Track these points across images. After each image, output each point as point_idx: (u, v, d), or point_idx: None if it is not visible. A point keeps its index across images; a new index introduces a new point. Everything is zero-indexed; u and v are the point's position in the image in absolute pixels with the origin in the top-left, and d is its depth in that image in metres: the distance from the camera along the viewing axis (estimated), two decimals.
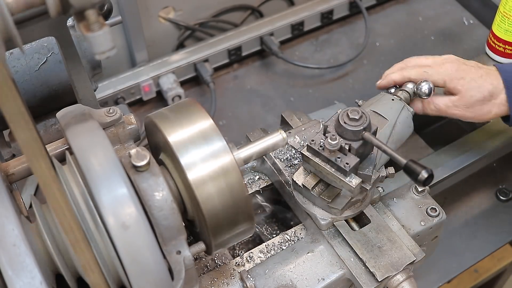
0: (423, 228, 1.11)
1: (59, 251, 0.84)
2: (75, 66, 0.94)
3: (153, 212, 0.82)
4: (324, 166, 1.02)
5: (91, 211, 0.80)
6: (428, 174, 0.89)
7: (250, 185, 1.21)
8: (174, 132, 0.86)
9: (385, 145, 0.97)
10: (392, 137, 1.12)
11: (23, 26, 0.78)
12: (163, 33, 1.82)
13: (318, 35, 1.92)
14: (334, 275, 1.05)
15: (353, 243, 1.05)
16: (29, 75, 1.05)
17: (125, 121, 0.95)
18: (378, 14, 1.99)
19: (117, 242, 0.76)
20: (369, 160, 1.05)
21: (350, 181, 1.00)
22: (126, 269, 0.76)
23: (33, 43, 1.04)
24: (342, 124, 0.99)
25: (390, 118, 1.12)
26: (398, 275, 1.02)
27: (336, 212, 1.06)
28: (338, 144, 0.99)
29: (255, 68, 1.84)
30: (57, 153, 0.93)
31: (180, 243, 0.85)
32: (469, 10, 1.95)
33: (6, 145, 1.10)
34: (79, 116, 0.86)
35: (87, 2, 0.67)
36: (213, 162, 0.85)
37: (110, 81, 1.67)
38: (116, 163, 0.78)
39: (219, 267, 1.07)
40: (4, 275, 0.75)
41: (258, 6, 1.93)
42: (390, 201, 1.15)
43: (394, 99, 1.16)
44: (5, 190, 0.79)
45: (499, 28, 1.47)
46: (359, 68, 1.82)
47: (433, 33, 1.90)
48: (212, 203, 0.85)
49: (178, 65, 1.72)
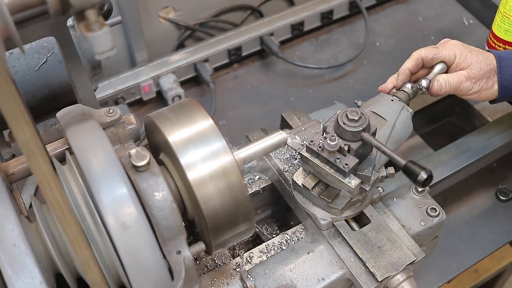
0: (423, 228, 1.11)
1: (59, 251, 0.84)
2: (75, 66, 0.94)
3: (153, 212, 0.82)
4: (323, 167, 1.01)
5: (91, 211, 0.80)
6: (427, 175, 0.89)
7: (250, 185, 1.21)
8: (174, 132, 0.86)
9: (384, 145, 0.97)
10: (392, 138, 1.12)
11: (23, 26, 0.78)
12: (163, 33, 1.82)
13: (318, 35, 1.92)
14: (334, 275, 1.05)
15: (353, 243, 1.05)
16: (29, 75, 1.05)
17: (125, 121, 0.95)
18: (378, 14, 1.99)
19: (117, 242, 0.76)
20: (368, 160, 1.05)
21: (349, 182, 1.00)
22: (126, 269, 0.76)
23: (33, 43, 1.04)
24: (341, 125, 0.99)
25: (389, 118, 1.12)
26: (398, 275, 1.02)
27: (336, 212, 1.06)
28: (337, 145, 0.99)
29: (255, 68, 1.84)
30: (57, 153, 0.93)
31: (180, 243, 0.85)
32: (469, 10, 1.95)
33: (6, 145, 1.10)
34: (79, 116, 0.86)
35: (87, 2, 0.67)
36: (213, 162, 0.85)
37: (110, 81, 1.67)
38: (116, 163, 0.78)
39: (219, 267, 1.07)
40: (4, 275, 0.75)
41: (258, 6, 1.93)
42: (390, 201, 1.15)
43: (394, 99, 1.16)
44: (5, 190, 0.79)
45: (499, 28, 1.47)
46: (359, 68, 1.82)
47: (433, 33, 1.91)
48: (212, 203, 0.85)
49: (178, 65, 1.72)
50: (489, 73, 1.18)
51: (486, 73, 1.18)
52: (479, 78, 1.18)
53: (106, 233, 0.78)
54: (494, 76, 1.19)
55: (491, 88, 1.20)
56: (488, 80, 1.19)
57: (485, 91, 1.20)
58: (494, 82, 1.19)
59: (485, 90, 1.20)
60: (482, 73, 1.18)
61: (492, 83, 1.19)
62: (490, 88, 1.20)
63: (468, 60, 1.18)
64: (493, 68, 1.19)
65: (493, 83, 1.19)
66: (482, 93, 1.20)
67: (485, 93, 1.20)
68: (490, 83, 1.19)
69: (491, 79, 1.19)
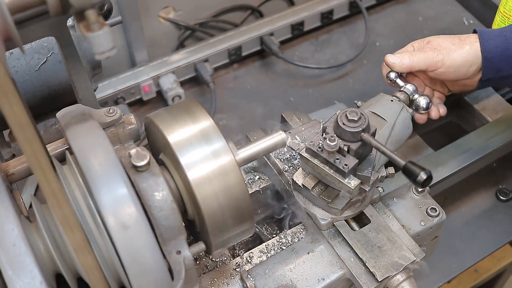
0: (423, 228, 1.11)
1: (59, 251, 0.84)
2: (75, 66, 0.94)
3: (153, 212, 0.82)
4: (323, 168, 1.01)
5: (91, 211, 0.80)
6: (426, 175, 0.89)
7: (250, 185, 1.21)
8: (174, 132, 0.86)
9: (384, 146, 0.97)
10: (391, 138, 1.12)
11: (23, 26, 0.78)
12: (163, 33, 1.82)
13: (318, 35, 1.92)
14: (334, 275, 1.05)
15: (353, 243, 1.05)
16: (29, 75, 1.05)
17: (125, 121, 0.95)
18: (378, 14, 1.99)
19: (117, 242, 0.76)
20: (368, 161, 1.05)
21: (349, 182, 1.00)
22: (126, 269, 0.76)
23: (33, 43, 1.04)
24: (341, 125, 0.99)
25: (389, 119, 1.12)
26: (398, 275, 1.02)
27: (336, 212, 1.06)
28: (336, 145, 0.99)
29: (255, 68, 1.84)
30: (57, 153, 0.93)
31: (180, 243, 0.85)
32: (469, 10, 1.95)
33: (6, 145, 1.10)
34: (79, 116, 0.86)
35: (87, 2, 0.67)
36: (213, 162, 0.85)
37: (110, 81, 1.67)
38: (116, 163, 0.78)
39: (219, 267, 1.07)
40: (4, 275, 0.75)
41: (258, 6, 1.93)
42: (390, 201, 1.15)
43: (393, 100, 1.16)
44: (5, 190, 0.79)
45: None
46: (359, 68, 1.82)
47: (433, 33, 1.88)
48: (212, 203, 0.85)
49: (178, 65, 1.72)
50: (450, 40, 1.18)
51: (446, 41, 1.18)
52: (437, 47, 1.17)
53: (106, 233, 0.78)
54: (460, 40, 1.18)
55: (460, 48, 1.17)
56: (453, 40, 1.18)
57: (455, 53, 1.17)
58: (464, 43, 1.17)
59: (454, 52, 1.17)
60: (440, 42, 1.18)
61: (461, 43, 1.17)
62: (458, 48, 1.17)
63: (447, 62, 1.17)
64: (457, 38, 1.18)
65: (463, 44, 1.17)
66: (451, 55, 1.17)
67: (455, 55, 1.17)
68: (456, 42, 1.17)
69: (456, 41, 1.18)
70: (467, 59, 1.17)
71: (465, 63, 1.17)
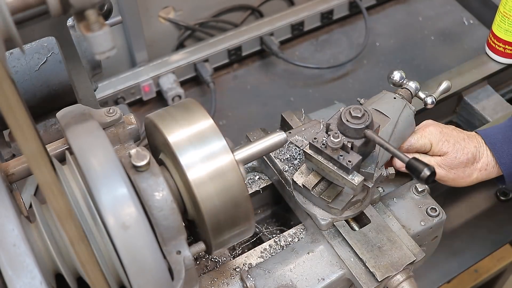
0: (423, 228, 1.11)
1: (59, 251, 0.84)
2: (75, 66, 0.94)
3: (153, 212, 0.82)
4: (327, 164, 1.02)
5: (91, 211, 0.80)
6: (430, 171, 0.89)
7: (250, 185, 1.21)
8: (174, 132, 0.86)
9: (388, 143, 0.97)
10: (394, 135, 1.12)
11: (23, 26, 0.78)
12: (163, 33, 1.82)
13: (318, 35, 1.92)
14: (334, 275, 1.05)
15: (353, 243, 1.05)
16: (29, 75, 1.05)
17: (125, 121, 0.95)
18: (378, 14, 1.99)
19: (117, 242, 0.76)
20: (371, 158, 1.05)
21: (353, 179, 1.00)
22: (126, 269, 0.76)
23: (33, 43, 1.04)
24: (345, 122, 1.00)
25: (392, 116, 1.12)
26: (398, 275, 1.02)
27: (336, 212, 1.07)
28: (340, 142, 0.99)
29: (255, 68, 1.84)
30: (57, 153, 0.93)
31: (180, 243, 0.85)
32: (469, 10, 1.95)
33: (6, 145, 1.10)
34: (79, 116, 0.86)
35: (87, 2, 0.67)
36: (213, 162, 0.85)
37: (110, 81, 1.67)
38: (116, 163, 0.78)
39: (219, 267, 1.07)
40: (4, 275, 0.75)
41: (258, 6, 1.93)
42: (390, 201, 1.15)
43: (396, 97, 1.17)
44: (5, 190, 0.79)
45: (499, 28, 1.47)
46: (359, 68, 1.82)
47: (433, 33, 1.91)
48: (212, 203, 0.85)
49: (178, 65, 1.72)
50: (465, 162, 1.17)
51: (462, 163, 1.17)
52: (454, 167, 1.17)
53: (106, 233, 0.78)
54: (473, 164, 1.18)
55: (468, 177, 1.19)
56: (465, 169, 1.18)
57: (462, 180, 1.19)
58: (473, 171, 1.19)
59: (462, 179, 1.19)
60: (458, 163, 1.17)
61: (471, 171, 1.19)
62: (467, 177, 1.19)
63: (444, 149, 1.17)
64: (472, 157, 1.17)
65: (472, 172, 1.19)
66: (458, 181, 1.19)
67: (462, 181, 1.20)
68: (467, 172, 1.18)
69: (468, 168, 1.18)
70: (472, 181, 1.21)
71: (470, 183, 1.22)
